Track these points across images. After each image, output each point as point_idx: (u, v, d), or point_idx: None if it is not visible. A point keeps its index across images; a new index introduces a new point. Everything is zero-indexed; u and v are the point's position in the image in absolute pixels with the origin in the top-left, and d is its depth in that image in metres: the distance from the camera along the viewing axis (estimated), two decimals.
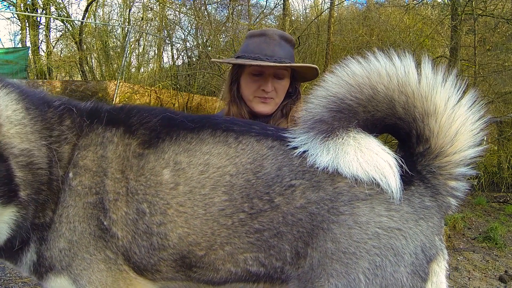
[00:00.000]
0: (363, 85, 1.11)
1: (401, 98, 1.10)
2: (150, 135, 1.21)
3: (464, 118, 1.09)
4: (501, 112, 8.11)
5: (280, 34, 2.00)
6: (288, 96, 2.03)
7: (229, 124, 1.24)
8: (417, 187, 1.10)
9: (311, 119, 1.16)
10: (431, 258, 1.04)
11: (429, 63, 1.09)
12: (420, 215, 1.06)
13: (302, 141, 1.14)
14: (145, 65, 14.97)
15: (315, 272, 1.06)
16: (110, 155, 1.18)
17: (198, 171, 1.15)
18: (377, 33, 10.00)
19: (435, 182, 1.11)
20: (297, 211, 1.09)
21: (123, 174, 1.17)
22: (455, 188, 1.12)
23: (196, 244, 1.14)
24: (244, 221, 1.11)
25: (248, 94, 1.97)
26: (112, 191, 1.15)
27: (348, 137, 1.10)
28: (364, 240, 1.03)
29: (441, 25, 9.78)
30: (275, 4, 13.08)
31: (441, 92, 1.09)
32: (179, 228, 1.13)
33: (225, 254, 1.14)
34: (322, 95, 1.16)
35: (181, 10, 13.09)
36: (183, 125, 1.23)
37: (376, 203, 1.06)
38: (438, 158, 1.11)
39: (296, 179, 1.11)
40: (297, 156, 1.13)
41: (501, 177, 8.23)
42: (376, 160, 1.07)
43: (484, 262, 4.73)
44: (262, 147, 1.17)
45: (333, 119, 1.12)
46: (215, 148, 1.17)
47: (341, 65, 1.15)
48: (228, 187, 1.13)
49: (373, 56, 1.12)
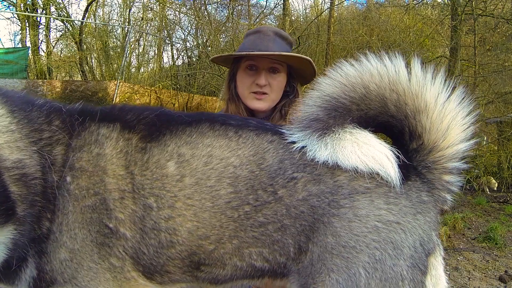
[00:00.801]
0: (356, 84, 1.15)
1: (392, 96, 1.14)
2: (150, 130, 1.18)
3: (455, 113, 1.13)
4: (501, 112, 8.11)
5: (275, 31, 2.00)
6: (286, 96, 2.02)
7: (226, 118, 1.23)
8: (414, 181, 1.12)
9: (306, 119, 1.18)
10: (429, 252, 1.05)
11: (419, 62, 1.14)
12: (418, 209, 1.08)
13: (300, 138, 1.15)
14: (145, 65, 14.99)
15: (315, 267, 1.06)
16: (108, 151, 1.13)
17: (203, 163, 1.13)
18: (377, 33, 10.00)
19: (430, 176, 1.14)
20: (299, 203, 1.09)
21: (127, 170, 1.12)
22: (450, 182, 1.15)
23: (206, 238, 1.12)
24: (249, 213, 1.11)
25: (243, 90, 1.96)
26: (116, 189, 1.10)
27: (344, 133, 1.13)
28: (364, 234, 1.04)
29: (441, 25, 9.78)
30: (275, 4, 13.09)
31: (431, 89, 1.13)
32: (188, 222, 1.11)
33: (233, 248, 1.13)
34: (316, 95, 1.20)
35: (181, 10, 13.10)
36: (181, 120, 1.21)
37: (375, 196, 1.07)
38: (432, 153, 1.14)
39: (298, 172, 1.12)
40: (297, 150, 1.14)
41: (501, 177, 8.22)
42: (374, 152, 1.09)
43: (484, 262, 4.73)
44: (262, 140, 1.17)
45: (328, 117, 1.15)
46: (216, 141, 1.17)
47: (335, 68, 1.20)
48: (232, 178, 1.12)
49: (365, 58, 1.16)
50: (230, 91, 2.03)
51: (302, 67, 1.98)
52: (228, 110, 2.02)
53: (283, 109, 1.99)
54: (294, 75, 2.04)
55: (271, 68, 1.94)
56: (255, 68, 1.94)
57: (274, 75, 1.95)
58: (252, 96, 1.94)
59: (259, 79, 1.91)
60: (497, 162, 8.45)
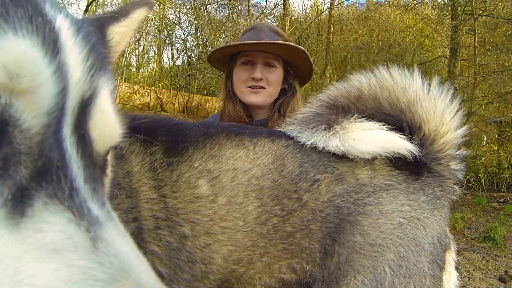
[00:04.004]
0: (350, 87, 1.21)
1: (384, 94, 1.17)
2: (172, 142, 1.05)
3: (443, 98, 1.18)
4: (501, 112, 8.12)
5: (270, 27, 2.03)
6: (283, 94, 2.01)
7: (238, 128, 1.19)
8: (427, 177, 1.13)
9: (307, 116, 1.20)
10: (446, 248, 1.06)
11: (395, 65, 1.22)
12: (434, 205, 1.09)
13: (308, 136, 1.14)
14: (145, 65, 14.97)
15: (341, 270, 1.03)
16: (137, 169, 0.98)
17: (230, 178, 1.05)
18: (377, 33, 10.01)
19: (440, 168, 1.15)
20: (324, 206, 1.07)
21: (158, 192, 0.98)
22: (457, 170, 1.17)
23: (239, 261, 1.03)
24: (277, 225, 1.06)
25: (239, 84, 1.96)
26: (150, 216, 0.96)
27: (352, 122, 1.14)
28: (389, 231, 1.03)
29: (441, 25, 9.78)
30: (275, 4, 13.08)
31: (414, 82, 1.18)
32: (223, 247, 1.01)
33: (263, 266, 1.06)
34: (316, 99, 1.25)
35: (181, 10, 13.09)
36: (198, 130, 1.11)
37: (397, 192, 1.07)
38: (435, 142, 1.16)
39: (320, 174, 1.10)
40: (313, 152, 1.13)
41: (501, 177, 8.22)
42: (385, 134, 1.11)
43: (484, 262, 4.73)
44: (278, 146, 1.14)
45: (330, 113, 1.18)
46: (235, 152, 1.10)
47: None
48: (257, 191, 1.06)
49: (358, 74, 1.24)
50: (227, 89, 2.02)
51: (298, 62, 1.98)
52: (225, 109, 2.01)
53: (281, 107, 1.98)
54: (291, 73, 2.03)
55: (267, 63, 1.94)
56: (251, 63, 1.94)
57: (271, 69, 1.95)
58: (249, 91, 1.93)
59: (255, 73, 1.90)
60: (497, 162, 8.44)
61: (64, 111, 0.43)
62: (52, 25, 0.44)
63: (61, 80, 0.42)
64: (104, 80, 0.51)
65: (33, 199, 0.38)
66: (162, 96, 12.25)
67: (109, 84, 0.52)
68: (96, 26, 0.66)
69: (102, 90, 0.50)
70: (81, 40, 0.48)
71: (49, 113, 0.41)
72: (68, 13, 0.52)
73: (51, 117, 0.41)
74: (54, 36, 0.44)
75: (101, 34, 0.67)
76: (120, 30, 0.74)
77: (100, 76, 0.50)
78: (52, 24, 0.44)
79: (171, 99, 12.23)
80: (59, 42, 0.44)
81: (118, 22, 0.73)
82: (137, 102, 11.73)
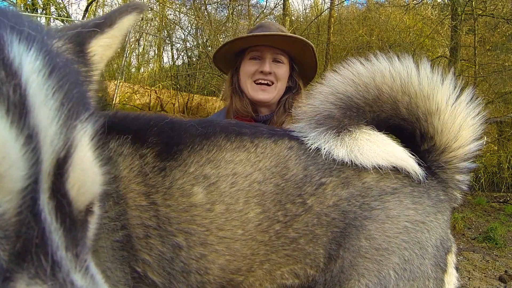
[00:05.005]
0: (369, 85, 1.13)
1: (404, 99, 1.12)
2: (165, 144, 0.98)
3: (465, 114, 1.12)
4: (501, 112, 8.12)
5: (276, 25, 2.06)
6: (288, 91, 2.03)
7: (237, 127, 1.10)
8: (431, 181, 1.12)
9: (318, 115, 1.14)
10: (448, 250, 1.06)
11: (428, 63, 1.13)
12: (437, 208, 1.09)
13: (315, 138, 1.10)
14: (145, 65, 14.96)
15: (345, 274, 1.02)
16: (125, 173, 0.92)
17: (229, 184, 0.99)
18: (377, 33, 10.01)
19: (444, 176, 1.14)
20: (330, 210, 1.04)
21: (148, 199, 0.93)
22: (461, 181, 1.16)
23: (237, 271, 1.00)
24: (280, 232, 1.02)
25: (246, 79, 1.96)
26: (139, 224, 0.91)
27: (361, 133, 1.11)
28: (395, 235, 1.02)
29: (441, 25, 9.78)
30: (275, 4, 13.08)
31: (441, 91, 1.12)
32: (221, 257, 0.97)
33: (264, 273, 1.03)
34: (329, 92, 1.15)
35: (181, 10, 13.10)
36: (195, 130, 1.03)
37: (403, 196, 1.07)
38: (444, 153, 1.14)
39: (325, 177, 1.06)
40: (318, 154, 1.08)
41: (501, 177, 8.23)
42: (393, 149, 1.09)
43: (484, 262, 4.73)
44: (281, 148, 1.08)
45: (343, 116, 1.12)
46: (235, 155, 1.03)
47: (344, 65, 1.17)
48: (259, 197, 1.01)
49: (375, 57, 1.14)
50: (234, 85, 2.03)
51: (304, 59, 1.99)
52: (233, 105, 2.01)
53: (287, 103, 1.99)
54: (296, 70, 2.05)
55: (274, 59, 1.95)
56: (259, 58, 1.95)
57: (278, 64, 1.96)
58: (257, 88, 1.94)
59: (263, 66, 1.91)
60: (497, 162, 8.45)
61: (39, 179, 0.40)
62: (18, 80, 0.39)
63: (32, 151, 0.39)
64: (82, 127, 0.46)
65: (15, 281, 0.37)
66: (162, 96, 12.24)
67: (88, 130, 0.48)
68: (76, 43, 0.62)
69: (80, 142, 0.46)
70: (53, 86, 0.43)
71: (22, 191, 0.38)
72: (42, 42, 0.46)
73: (25, 193, 0.39)
74: (21, 96, 0.39)
75: (80, 52, 0.63)
76: (104, 42, 0.70)
77: (76, 125, 0.45)
78: (18, 78, 0.39)
79: (171, 99, 12.22)
80: (27, 101, 0.39)
81: (102, 34, 0.69)
82: (137, 102, 11.72)
